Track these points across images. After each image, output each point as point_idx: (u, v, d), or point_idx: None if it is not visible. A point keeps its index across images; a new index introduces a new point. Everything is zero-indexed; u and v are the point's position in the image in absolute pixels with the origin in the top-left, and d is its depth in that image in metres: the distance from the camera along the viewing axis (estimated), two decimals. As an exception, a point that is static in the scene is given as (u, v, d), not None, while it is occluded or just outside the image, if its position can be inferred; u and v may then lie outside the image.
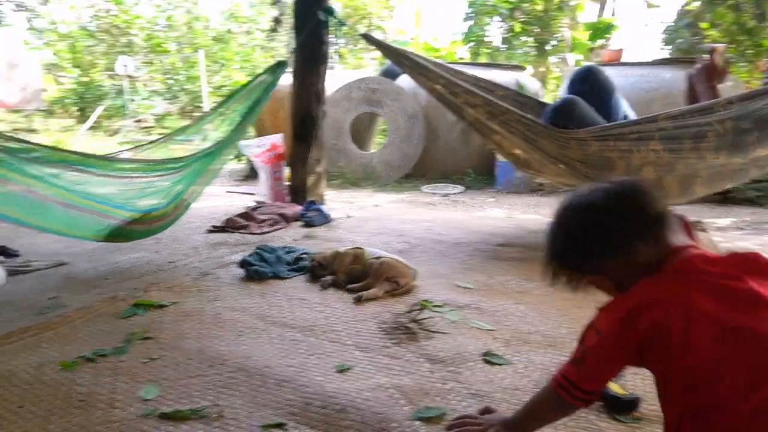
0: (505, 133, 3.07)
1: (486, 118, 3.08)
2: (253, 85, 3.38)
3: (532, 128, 2.92)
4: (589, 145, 2.82)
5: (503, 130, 3.05)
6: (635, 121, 2.80)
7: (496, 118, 3.04)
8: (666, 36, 8.76)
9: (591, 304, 2.23)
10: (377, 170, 6.15)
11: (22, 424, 1.36)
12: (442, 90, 3.25)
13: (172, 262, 2.91)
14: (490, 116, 3.06)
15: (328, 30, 4.02)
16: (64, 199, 2.49)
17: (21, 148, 2.33)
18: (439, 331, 1.93)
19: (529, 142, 2.98)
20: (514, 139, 3.07)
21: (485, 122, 3.11)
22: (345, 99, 6.20)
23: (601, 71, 3.31)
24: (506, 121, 2.99)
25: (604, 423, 1.36)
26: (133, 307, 2.17)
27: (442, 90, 3.24)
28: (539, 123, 2.92)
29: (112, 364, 1.69)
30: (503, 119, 3.00)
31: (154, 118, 14.14)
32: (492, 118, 3.05)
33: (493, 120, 3.05)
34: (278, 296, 2.33)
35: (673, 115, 2.72)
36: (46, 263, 2.83)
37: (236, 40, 16.53)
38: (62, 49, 14.61)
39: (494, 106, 3.02)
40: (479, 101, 3.07)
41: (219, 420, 1.38)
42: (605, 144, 2.79)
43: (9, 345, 1.83)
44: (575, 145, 2.85)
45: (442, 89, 3.24)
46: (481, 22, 9.61)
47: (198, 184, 3.07)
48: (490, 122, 3.07)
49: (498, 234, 3.52)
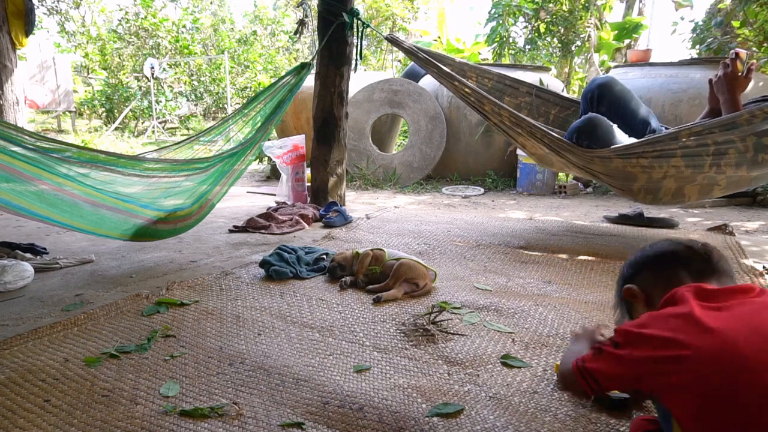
0: (530, 139, 3.08)
1: (511, 124, 3.10)
2: (277, 87, 3.40)
3: (556, 143, 2.94)
4: (612, 161, 2.85)
5: (530, 138, 3.09)
6: (657, 139, 2.77)
7: (521, 128, 3.07)
8: (695, 35, 8.56)
9: (612, 307, 2.20)
10: (398, 172, 6.15)
11: (48, 418, 1.40)
12: (466, 94, 3.25)
13: (194, 262, 2.96)
14: (515, 125, 3.09)
15: (351, 31, 4.04)
16: (92, 198, 2.54)
17: (53, 147, 2.38)
18: (457, 333, 1.92)
19: (554, 152, 3.02)
20: (539, 145, 3.08)
21: (511, 127, 3.12)
22: (367, 100, 6.21)
23: (614, 84, 3.25)
24: (532, 133, 3.03)
25: (624, 429, 1.34)
26: (155, 305, 2.21)
27: (467, 94, 3.25)
28: (564, 141, 2.94)
29: (135, 361, 1.73)
30: (529, 131, 3.04)
31: (179, 119, 14.38)
32: (517, 126, 3.08)
33: (519, 128, 3.08)
34: (298, 296, 2.35)
35: (695, 131, 2.69)
36: (73, 261, 2.90)
37: (260, 42, 16.75)
38: (92, 51, 14.95)
39: (521, 121, 3.05)
40: (505, 113, 3.09)
41: (238, 418, 1.40)
42: (627, 161, 2.82)
43: (37, 340, 1.88)
44: (598, 162, 2.90)
45: (467, 95, 3.25)
46: (505, 22, 9.53)
47: (222, 184, 3.11)
48: (516, 128, 3.09)
49: (518, 236, 3.49)
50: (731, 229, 3.60)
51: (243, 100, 14.59)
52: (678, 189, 2.94)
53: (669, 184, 2.91)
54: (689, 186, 2.92)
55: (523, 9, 9.49)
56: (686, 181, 2.87)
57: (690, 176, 2.82)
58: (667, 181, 2.89)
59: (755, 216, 4.40)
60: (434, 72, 3.40)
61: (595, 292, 2.42)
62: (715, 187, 2.93)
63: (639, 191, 3.03)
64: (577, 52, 9.88)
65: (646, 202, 3.14)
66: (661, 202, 3.11)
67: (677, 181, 2.87)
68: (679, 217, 4.16)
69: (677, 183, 2.90)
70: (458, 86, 3.27)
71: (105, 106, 13.92)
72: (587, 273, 2.72)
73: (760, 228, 3.93)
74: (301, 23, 4.59)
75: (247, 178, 6.87)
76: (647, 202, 3.16)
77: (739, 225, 3.99)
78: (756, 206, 4.76)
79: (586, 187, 5.82)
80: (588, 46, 9.56)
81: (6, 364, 1.69)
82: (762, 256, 3.10)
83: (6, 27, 5.78)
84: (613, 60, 10.36)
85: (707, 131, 2.66)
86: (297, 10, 15.18)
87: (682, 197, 3.03)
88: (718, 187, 2.94)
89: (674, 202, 3.17)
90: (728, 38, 7.82)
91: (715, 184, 2.89)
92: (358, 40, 3.98)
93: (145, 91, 13.38)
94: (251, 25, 18.01)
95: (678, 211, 4.57)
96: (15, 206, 2.31)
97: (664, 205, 3.41)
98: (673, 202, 3.12)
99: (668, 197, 3.02)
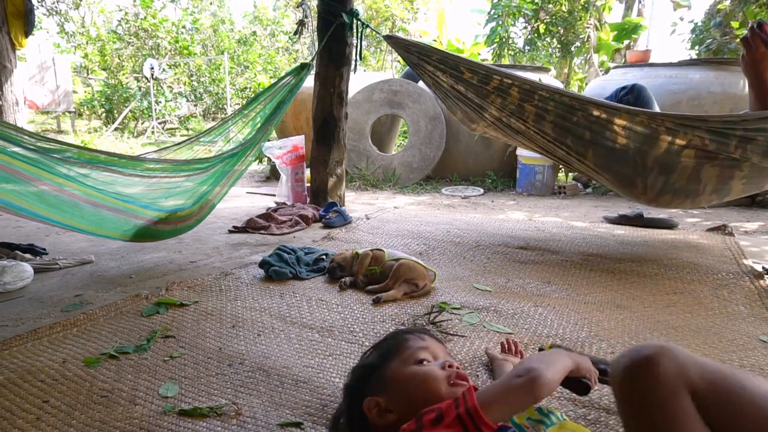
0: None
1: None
2: (276, 88, 3.40)
3: (581, 99, 2.82)
4: (638, 117, 2.66)
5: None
6: (685, 115, 2.59)
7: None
8: (694, 36, 8.56)
9: (611, 308, 2.21)
10: (397, 172, 6.15)
11: (46, 419, 1.40)
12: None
13: (194, 262, 2.96)
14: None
15: (351, 32, 4.04)
16: (93, 199, 2.54)
17: (53, 148, 2.38)
18: (457, 334, 1.92)
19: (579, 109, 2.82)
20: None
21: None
22: (367, 101, 6.21)
23: (645, 89, 3.21)
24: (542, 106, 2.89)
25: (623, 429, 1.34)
26: (155, 306, 2.21)
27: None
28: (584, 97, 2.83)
29: (134, 362, 1.73)
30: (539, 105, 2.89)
31: (179, 119, 14.38)
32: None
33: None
34: (297, 297, 2.35)
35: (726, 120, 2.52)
36: (72, 261, 2.90)
37: (260, 42, 16.75)
38: (91, 52, 14.95)
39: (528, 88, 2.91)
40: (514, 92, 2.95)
41: (237, 418, 1.40)
42: (653, 119, 2.64)
43: (36, 341, 1.88)
44: (626, 116, 2.69)
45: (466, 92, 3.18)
46: (505, 23, 9.53)
47: (223, 185, 3.11)
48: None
49: (517, 236, 3.50)
50: (730, 230, 3.61)
51: (243, 100, 14.59)
52: (695, 169, 2.66)
53: (687, 160, 2.63)
54: (709, 167, 2.63)
55: (523, 10, 9.50)
56: (707, 159, 2.60)
57: (713, 153, 2.56)
58: (686, 155, 2.62)
59: (754, 216, 4.40)
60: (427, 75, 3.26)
61: (594, 292, 2.42)
62: (736, 172, 2.65)
63: (653, 166, 2.75)
64: (577, 52, 9.89)
65: (657, 186, 2.86)
66: (674, 187, 2.80)
67: (697, 155, 2.60)
68: (679, 218, 4.16)
69: (696, 158, 2.62)
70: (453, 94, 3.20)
71: (104, 106, 13.92)
72: (587, 274, 2.72)
73: (759, 228, 3.94)
74: (300, 24, 4.59)
75: (247, 178, 6.87)
76: (657, 188, 2.87)
77: (738, 225, 3.99)
78: (755, 207, 4.77)
79: (586, 188, 5.82)
80: (587, 46, 9.57)
81: (5, 364, 1.69)
82: (761, 256, 3.10)
83: (5, 28, 5.78)
84: (613, 61, 10.36)
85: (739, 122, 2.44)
86: (297, 10, 15.20)
87: (698, 183, 2.73)
88: (736, 178, 2.68)
89: (687, 191, 2.83)
90: (727, 39, 7.83)
91: (736, 169, 2.61)
92: (358, 40, 3.98)
93: (145, 91, 13.38)
94: (251, 26, 18.03)
95: (677, 211, 4.57)
96: (15, 207, 2.31)
97: (673, 200, 3.14)
98: (689, 190, 2.81)
99: (683, 181, 2.74)
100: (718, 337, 1.92)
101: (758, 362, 1.72)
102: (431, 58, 3.13)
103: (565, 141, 2.96)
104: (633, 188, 2.95)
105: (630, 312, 2.17)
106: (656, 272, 2.72)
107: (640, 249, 3.19)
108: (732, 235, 3.52)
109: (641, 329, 1.99)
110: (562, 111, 2.85)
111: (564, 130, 2.92)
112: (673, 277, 2.64)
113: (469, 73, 3.03)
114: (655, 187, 2.84)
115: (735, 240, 3.37)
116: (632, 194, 3.03)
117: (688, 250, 3.13)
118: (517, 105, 2.97)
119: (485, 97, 3.06)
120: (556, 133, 2.95)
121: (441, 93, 3.32)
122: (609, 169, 2.97)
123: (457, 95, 3.20)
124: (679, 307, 2.24)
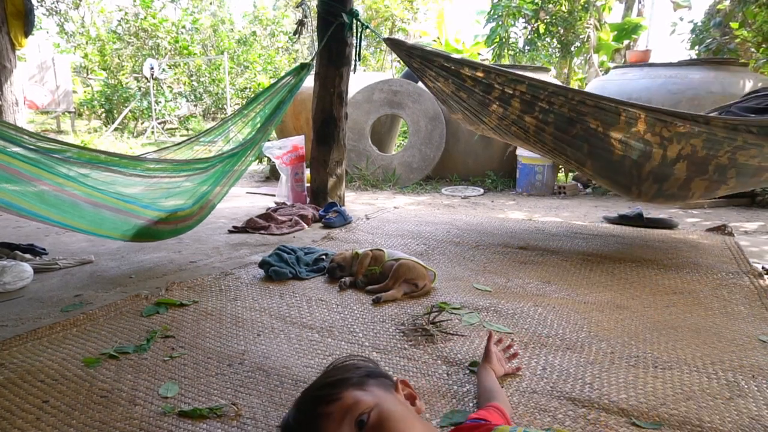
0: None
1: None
2: (276, 88, 3.40)
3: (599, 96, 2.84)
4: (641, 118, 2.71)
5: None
6: (690, 114, 2.67)
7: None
8: (694, 36, 8.57)
9: (611, 308, 2.20)
10: (397, 172, 6.15)
11: (46, 419, 1.40)
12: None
13: (194, 262, 2.96)
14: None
15: (351, 32, 4.04)
16: (93, 199, 2.54)
17: (53, 148, 2.38)
18: (456, 334, 1.92)
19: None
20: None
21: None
22: (366, 101, 6.21)
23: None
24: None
25: (623, 428, 1.34)
26: (155, 306, 2.21)
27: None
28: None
29: (134, 362, 1.73)
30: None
31: (178, 119, 14.38)
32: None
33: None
34: (297, 297, 2.35)
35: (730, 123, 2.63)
36: (72, 261, 2.90)
37: (260, 42, 16.75)
38: (91, 52, 14.95)
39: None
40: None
41: (236, 419, 1.40)
42: (655, 119, 2.68)
43: (36, 341, 1.88)
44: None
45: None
46: (505, 23, 9.53)
47: (223, 184, 3.11)
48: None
49: (517, 236, 3.49)
50: (730, 230, 3.61)
51: (242, 100, 14.59)
52: (686, 181, 2.85)
53: (679, 171, 2.80)
54: (698, 180, 2.85)
55: (523, 10, 9.49)
56: (697, 174, 2.78)
57: (704, 159, 2.71)
58: (678, 166, 2.77)
59: (754, 216, 4.40)
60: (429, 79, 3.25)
61: (594, 292, 2.42)
62: (722, 186, 2.87)
63: (648, 176, 2.90)
64: (577, 52, 9.89)
65: (650, 193, 3.04)
66: (665, 193, 3.01)
67: (688, 168, 2.77)
68: (679, 218, 4.17)
69: (688, 171, 2.79)
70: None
71: (104, 106, 13.92)
72: (586, 273, 2.72)
73: (759, 228, 3.94)
74: (300, 24, 4.59)
75: (247, 178, 6.87)
76: (650, 194, 3.06)
77: (738, 225, 3.99)
78: (755, 207, 4.77)
79: (586, 188, 5.82)
80: (587, 46, 9.57)
81: (5, 364, 1.69)
82: (761, 256, 3.11)
83: (5, 28, 5.77)
84: (613, 61, 10.37)
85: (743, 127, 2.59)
86: (296, 10, 15.19)
87: (687, 191, 2.94)
88: (725, 186, 2.88)
89: (678, 196, 3.07)
90: (727, 39, 7.83)
91: (723, 185, 2.83)
92: (358, 40, 3.98)
93: (145, 91, 13.37)
94: (251, 26, 18.02)
95: (677, 211, 4.57)
96: (16, 207, 2.30)
97: (665, 202, 3.33)
98: (679, 195, 3.03)
99: (674, 189, 2.94)
100: (718, 337, 1.92)
101: (758, 362, 1.72)
102: (433, 63, 3.11)
103: (565, 152, 3.06)
104: (629, 192, 3.18)
105: (630, 312, 2.17)
106: (656, 272, 2.73)
107: (640, 249, 3.19)
108: (732, 235, 3.52)
109: (641, 329, 1.99)
110: (562, 124, 2.91)
111: (563, 143, 3.01)
112: (673, 277, 2.64)
113: (471, 82, 3.02)
114: (649, 193, 3.08)
115: (735, 240, 3.37)
116: (628, 196, 3.31)
117: (688, 250, 3.13)
118: (518, 116, 3.01)
119: (487, 106, 3.09)
120: (556, 144, 3.05)
121: (442, 97, 3.33)
122: (606, 177, 3.18)
123: (459, 101, 3.21)
124: (679, 307, 2.24)
